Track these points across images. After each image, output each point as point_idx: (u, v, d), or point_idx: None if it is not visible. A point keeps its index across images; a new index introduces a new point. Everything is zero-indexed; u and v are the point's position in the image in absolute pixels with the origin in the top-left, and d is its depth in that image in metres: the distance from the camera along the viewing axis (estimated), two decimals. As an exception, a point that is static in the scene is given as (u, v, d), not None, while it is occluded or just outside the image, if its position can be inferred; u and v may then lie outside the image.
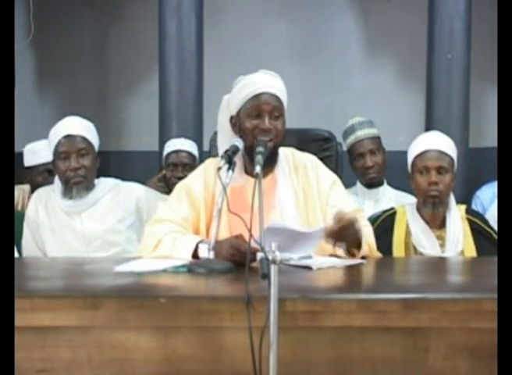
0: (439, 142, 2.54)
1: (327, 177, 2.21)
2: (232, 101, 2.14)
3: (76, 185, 2.61)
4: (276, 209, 2.14)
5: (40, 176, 3.18)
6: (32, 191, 3.22)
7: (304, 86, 5.52)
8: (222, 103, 2.20)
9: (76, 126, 2.67)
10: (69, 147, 2.61)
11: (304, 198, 2.17)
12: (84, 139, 2.64)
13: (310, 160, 2.25)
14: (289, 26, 5.52)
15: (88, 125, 2.71)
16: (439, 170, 2.47)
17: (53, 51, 5.57)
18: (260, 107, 2.09)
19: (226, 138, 2.15)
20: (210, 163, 2.25)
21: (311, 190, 2.18)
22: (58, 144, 2.63)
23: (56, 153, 2.64)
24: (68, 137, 2.62)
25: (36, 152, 3.24)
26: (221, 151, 2.16)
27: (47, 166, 3.14)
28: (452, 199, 2.55)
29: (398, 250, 2.48)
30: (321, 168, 2.24)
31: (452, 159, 2.52)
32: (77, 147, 2.62)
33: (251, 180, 2.04)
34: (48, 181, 3.09)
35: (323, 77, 5.51)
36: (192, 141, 3.68)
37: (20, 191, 3.29)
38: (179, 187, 2.23)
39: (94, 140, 2.69)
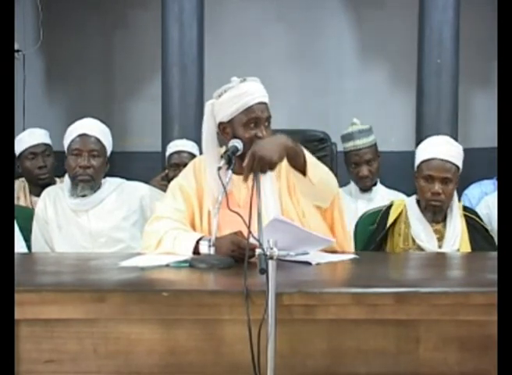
0: (447, 150, 2.52)
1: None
2: (221, 110, 2.16)
3: (82, 183, 2.66)
4: (261, 201, 2.16)
5: (27, 161, 3.23)
6: (21, 176, 3.28)
7: (301, 88, 5.58)
8: (206, 109, 2.21)
9: (93, 127, 2.71)
10: (82, 145, 2.65)
11: (286, 188, 2.20)
12: (98, 141, 2.68)
13: None
14: (287, 32, 5.58)
15: (105, 129, 2.76)
16: (443, 181, 2.48)
17: (61, 56, 5.63)
18: (257, 118, 2.14)
19: (210, 142, 2.20)
20: (198, 161, 2.31)
21: (290, 179, 2.19)
22: (73, 141, 2.67)
23: (69, 149, 2.68)
24: (83, 136, 2.67)
25: (19, 140, 3.27)
26: (206, 155, 2.21)
27: (30, 149, 3.23)
28: (455, 198, 2.56)
29: (396, 240, 2.53)
30: None
31: (457, 167, 2.53)
32: (90, 147, 2.66)
33: (238, 178, 2.08)
34: (34, 164, 3.21)
35: (319, 80, 5.57)
36: (193, 141, 3.73)
37: (21, 183, 3.32)
38: (173, 185, 2.29)
39: (108, 144, 2.73)
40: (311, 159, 2.08)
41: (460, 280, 1.91)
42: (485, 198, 2.93)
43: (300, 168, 2.05)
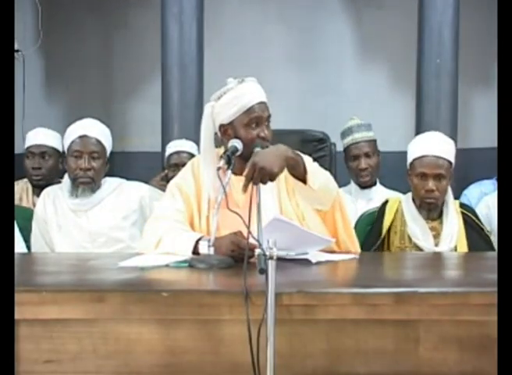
0: (439, 146, 2.53)
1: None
2: (222, 112, 2.15)
3: (83, 185, 2.66)
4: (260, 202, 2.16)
5: (26, 160, 3.24)
6: (24, 177, 3.28)
7: (300, 89, 5.59)
8: (205, 111, 2.20)
9: (93, 128, 2.71)
10: (82, 147, 2.65)
11: (286, 190, 2.20)
12: (99, 142, 2.68)
13: None
14: (287, 32, 5.59)
15: (105, 130, 2.75)
16: (437, 177, 2.49)
17: (60, 57, 5.64)
18: (259, 117, 2.14)
19: (208, 145, 2.19)
20: (197, 160, 2.31)
21: (290, 181, 2.17)
22: (73, 142, 2.67)
23: (69, 151, 2.68)
24: (83, 137, 2.66)
25: (27, 138, 3.30)
26: (203, 156, 2.20)
27: (30, 148, 3.25)
28: (450, 194, 2.57)
29: (392, 239, 2.53)
30: None
31: (450, 163, 2.53)
32: (91, 149, 2.65)
33: (237, 178, 2.08)
34: (30, 163, 3.22)
35: (318, 80, 5.58)
36: (192, 142, 3.73)
37: (25, 185, 3.32)
38: (172, 185, 2.28)
39: (108, 145, 2.73)
40: (310, 167, 2.08)
41: (459, 280, 1.91)
42: (484, 198, 2.93)
43: (301, 177, 2.06)
